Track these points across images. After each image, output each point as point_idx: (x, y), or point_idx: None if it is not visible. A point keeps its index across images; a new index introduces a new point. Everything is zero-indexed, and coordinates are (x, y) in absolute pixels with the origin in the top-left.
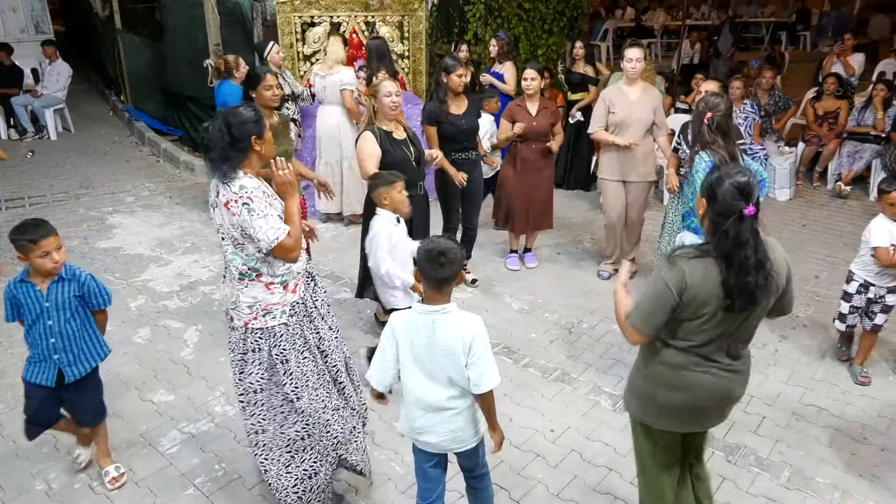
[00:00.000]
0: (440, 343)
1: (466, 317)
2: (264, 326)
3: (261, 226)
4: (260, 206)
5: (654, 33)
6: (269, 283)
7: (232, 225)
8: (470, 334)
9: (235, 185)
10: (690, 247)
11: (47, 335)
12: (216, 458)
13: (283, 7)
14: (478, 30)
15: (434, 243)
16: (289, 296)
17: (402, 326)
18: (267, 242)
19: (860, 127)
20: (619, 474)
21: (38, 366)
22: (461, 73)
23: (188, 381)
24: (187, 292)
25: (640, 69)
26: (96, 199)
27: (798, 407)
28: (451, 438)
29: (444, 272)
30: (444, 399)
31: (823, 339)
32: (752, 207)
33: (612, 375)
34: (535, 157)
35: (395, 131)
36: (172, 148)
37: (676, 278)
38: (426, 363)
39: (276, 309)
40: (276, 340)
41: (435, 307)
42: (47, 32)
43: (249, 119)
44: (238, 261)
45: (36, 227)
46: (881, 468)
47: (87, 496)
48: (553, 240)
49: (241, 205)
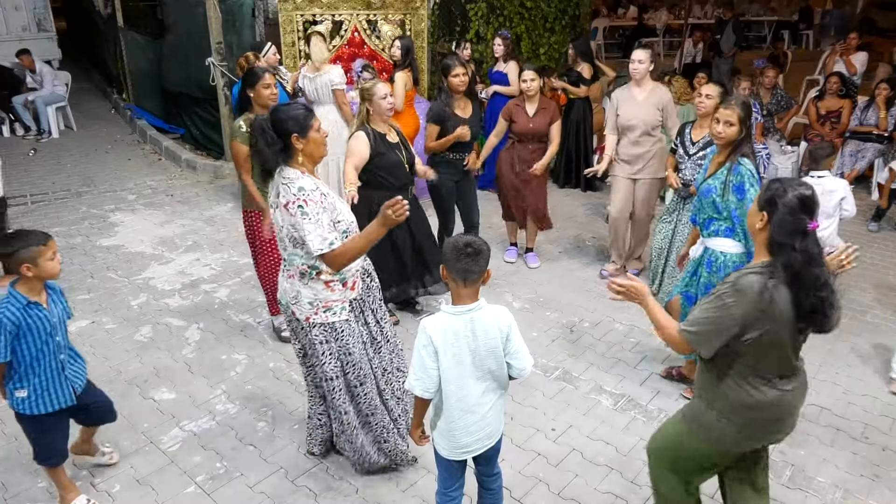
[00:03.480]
0: (481, 340)
1: (498, 309)
2: (325, 322)
3: (310, 230)
4: (314, 211)
5: (657, 32)
6: (329, 280)
7: (291, 225)
8: (506, 325)
9: (295, 187)
10: (756, 269)
11: (57, 353)
12: (217, 456)
13: (285, 5)
14: (480, 28)
15: (459, 237)
16: (348, 293)
17: (440, 332)
18: (314, 249)
19: (863, 126)
20: (620, 473)
21: (51, 391)
22: (457, 73)
23: (189, 379)
24: (189, 290)
25: (642, 70)
26: (98, 197)
27: None
28: (485, 435)
29: (472, 264)
30: (480, 394)
31: (824, 340)
32: (815, 223)
33: (613, 374)
34: (529, 157)
35: (388, 133)
36: (174, 146)
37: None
38: (468, 364)
39: (336, 305)
40: (337, 335)
41: (469, 306)
42: (49, 31)
43: (291, 116)
44: (298, 260)
45: (30, 232)
46: (883, 468)
47: (89, 493)
48: (554, 239)
49: (296, 206)
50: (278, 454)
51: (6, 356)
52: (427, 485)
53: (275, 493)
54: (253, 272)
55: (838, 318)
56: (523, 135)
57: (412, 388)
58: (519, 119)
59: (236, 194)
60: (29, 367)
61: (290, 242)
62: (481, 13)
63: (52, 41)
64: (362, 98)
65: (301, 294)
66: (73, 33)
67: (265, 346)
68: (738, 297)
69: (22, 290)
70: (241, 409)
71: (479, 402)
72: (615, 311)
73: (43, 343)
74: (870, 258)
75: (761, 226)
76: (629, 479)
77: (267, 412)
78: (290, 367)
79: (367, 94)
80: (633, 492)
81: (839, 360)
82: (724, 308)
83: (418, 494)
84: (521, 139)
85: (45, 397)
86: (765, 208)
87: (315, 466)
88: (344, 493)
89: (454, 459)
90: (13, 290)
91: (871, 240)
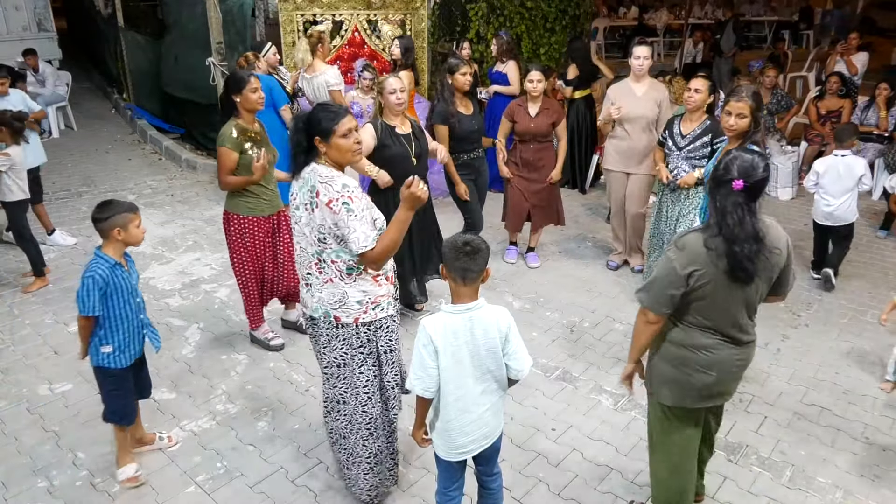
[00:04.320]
0: (480, 340)
1: (498, 309)
2: (374, 319)
3: (356, 227)
4: (359, 207)
5: (657, 32)
6: (377, 275)
7: (334, 223)
8: (505, 324)
9: (338, 184)
10: (697, 229)
11: (138, 312)
12: (218, 456)
13: (285, 5)
14: (480, 28)
15: (458, 236)
16: (390, 287)
17: (440, 331)
18: (356, 247)
19: (863, 126)
20: (620, 473)
21: (127, 348)
22: (465, 71)
23: (189, 379)
24: (189, 290)
25: (646, 67)
26: (98, 196)
27: (800, 406)
28: (481, 435)
29: (471, 262)
30: (479, 394)
31: (825, 339)
32: (740, 182)
33: (613, 374)
34: (534, 157)
35: (399, 126)
36: (174, 146)
37: (682, 257)
38: (467, 363)
39: (384, 301)
40: (384, 332)
41: (468, 305)
42: (50, 31)
43: (318, 118)
44: (345, 256)
45: (122, 202)
46: (883, 468)
47: (90, 494)
48: (555, 239)
49: (341, 203)
50: (278, 454)
51: (98, 309)
52: (427, 485)
53: (275, 493)
54: None
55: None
56: (525, 134)
57: (413, 387)
58: (521, 119)
59: None
60: (114, 323)
61: (335, 241)
62: (481, 13)
63: (52, 41)
64: (378, 91)
65: (348, 294)
66: (74, 33)
67: (265, 347)
68: (679, 252)
69: (108, 253)
70: (242, 409)
71: (476, 402)
72: (615, 311)
73: (125, 302)
74: (869, 258)
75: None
76: (629, 479)
77: (267, 412)
78: (290, 368)
79: (379, 88)
80: (634, 492)
81: (839, 360)
82: (668, 263)
83: (418, 494)
84: (522, 139)
85: (126, 352)
86: (711, 173)
87: (315, 466)
88: (344, 493)
89: (452, 460)
90: (100, 252)
91: (879, 244)
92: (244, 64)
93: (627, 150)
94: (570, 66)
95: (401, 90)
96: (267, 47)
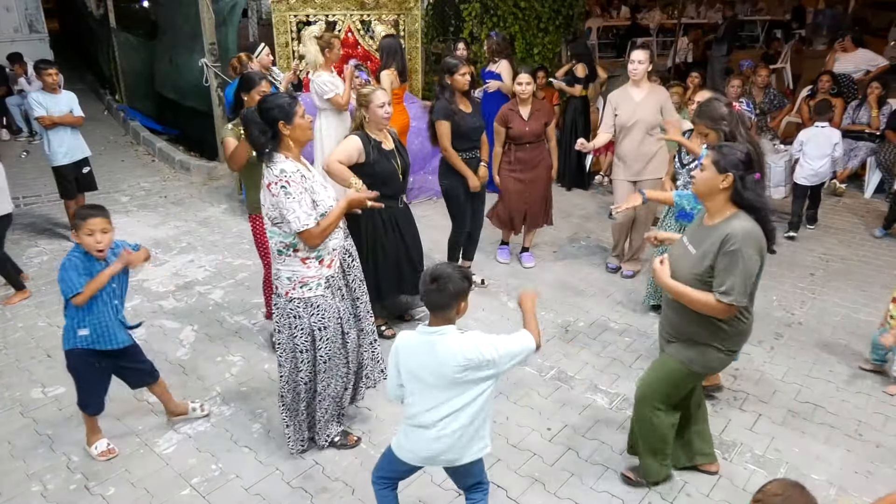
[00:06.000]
0: (443, 364)
1: (465, 339)
2: (302, 297)
3: (293, 209)
4: (296, 191)
5: (650, 32)
6: (305, 258)
7: (272, 205)
8: (472, 354)
9: (277, 169)
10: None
11: (112, 297)
12: (213, 458)
13: (278, 6)
14: (473, 28)
15: (435, 269)
16: (324, 270)
17: (404, 345)
18: (296, 225)
19: (855, 125)
20: (615, 472)
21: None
22: (464, 71)
23: (184, 381)
24: (183, 292)
25: (642, 71)
26: (91, 199)
27: (794, 404)
28: (435, 453)
29: (438, 297)
30: (439, 417)
31: (819, 337)
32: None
33: (608, 374)
34: (528, 156)
35: (384, 141)
36: (168, 147)
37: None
38: (430, 383)
39: (312, 282)
40: (314, 310)
41: (433, 329)
42: (41, 32)
43: (276, 105)
44: (277, 238)
45: (90, 208)
46: (876, 465)
47: (83, 497)
48: (549, 239)
49: (279, 187)
50: (273, 455)
51: (80, 286)
52: (424, 484)
53: (270, 494)
54: (247, 273)
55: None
56: (520, 138)
57: (388, 390)
58: (515, 124)
59: (231, 195)
60: (91, 305)
61: (271, 221)
62: (475, 13)
63: (43, 42)
64: (359, 104)
65: (280, 271)
66: (66, 34)
67: (260, 348)
68: (753, 245)
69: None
70: (236, 411)
71: (435, 424)
72: (610, 310)
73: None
74: (863, 256)
75: (726, 185)
76: None
77: (262, 414)
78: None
79: (364, 101)
80: (630, 491)
81: (833, 357)
82: (748, 260)
83: (414, 494)
84: (517, 142)
85: (105, 336)
86: (728, 170)
87: (311, 468)
88: (339, 495)
89: (396, 454)
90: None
91: (874, 243)
92: (237, 65)
93: (631, 156)
94: (578, 65)
95: (388, 103)
96: (260, 48)
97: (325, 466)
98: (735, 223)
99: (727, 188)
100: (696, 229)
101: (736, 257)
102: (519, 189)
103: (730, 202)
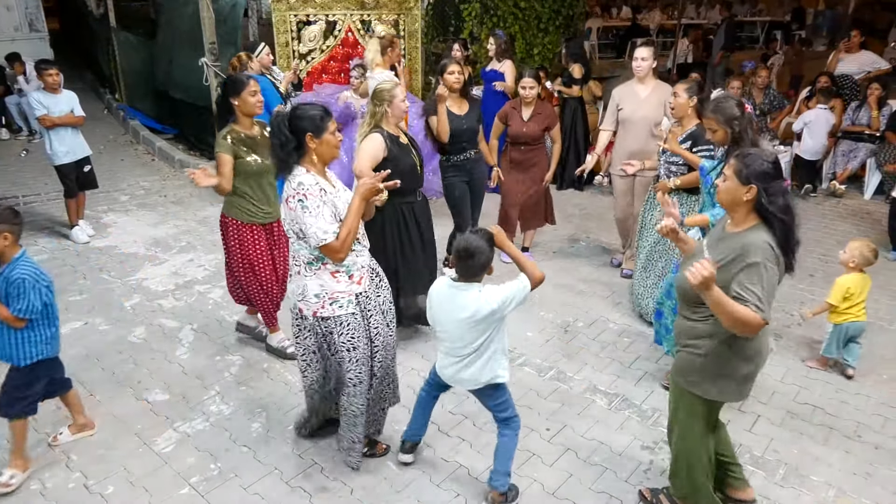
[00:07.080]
0: (455, 310)
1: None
2: (332, 315)
3: (311, 223)
4: (313, 204)
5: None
6: (335, 271)
7: (292, 219)
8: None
9: (295, 182)
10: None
11: None
12: (211, 458)
13: (278, 6)
14: (473, 28)
15: (463, 238)
16: (354, 286)
17: (435, 289)
18: (315, 241)
19: (855, 126)
20: (614, 473)
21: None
22: (453, 70)
23: (183, 380)
24: (182, 291)
25: (646, 68)
26: (91, 198)
27: (793, 405)
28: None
29: (466, 269)
30: (460, 347)
31: (818, 338)
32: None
33: (607, 374)
34: (524, 158)
35: (400, 136)
36: (167, 146)
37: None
38: (449, 321)
39: (342, 298)
40: (343, 329)
41: (459, 284)
42: (41, 31)
43: (308, 116)
44: (304, 251)
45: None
46: (875, 466)
47: (82, 495)
48: (549, 239)
49: (297, 200)
50: (273, 455)
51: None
52: (422, 485)
53: (269, 494)
54: None
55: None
56: (517, 138)
57: None
58: (513, 122)
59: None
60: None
61: (295, 235)
62: (475, 13)
63: (44, 41)
64: (380, 100)
65: (307, 288)
66: (66, 33)
67: (259, 347)
68: (773, 259)
69: None
70: (236, 410)
71: (457, 353)
72: (609, 311)
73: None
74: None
75: (750, 196)
76: (623, 478)
77: (261, 413)
78: (284, 368)
79: (387, 96)
80: (628, 491)
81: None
82: (771, 274)
83: (413, 495)
84: (514, 142)
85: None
86: (752, 181)
87: (310, 467)
88: (339, 494)
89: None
90: None
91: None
92: (237, 64)
93: (632, 152)
94: (575, 65)
95: (405, 98)
96: (260, 48)
97: (325, 466)
98: (753, 236)
99: (750, 200)
100: (716, 237)
101: (759, 270)
102: (513, 188)
103: (753, 212)
